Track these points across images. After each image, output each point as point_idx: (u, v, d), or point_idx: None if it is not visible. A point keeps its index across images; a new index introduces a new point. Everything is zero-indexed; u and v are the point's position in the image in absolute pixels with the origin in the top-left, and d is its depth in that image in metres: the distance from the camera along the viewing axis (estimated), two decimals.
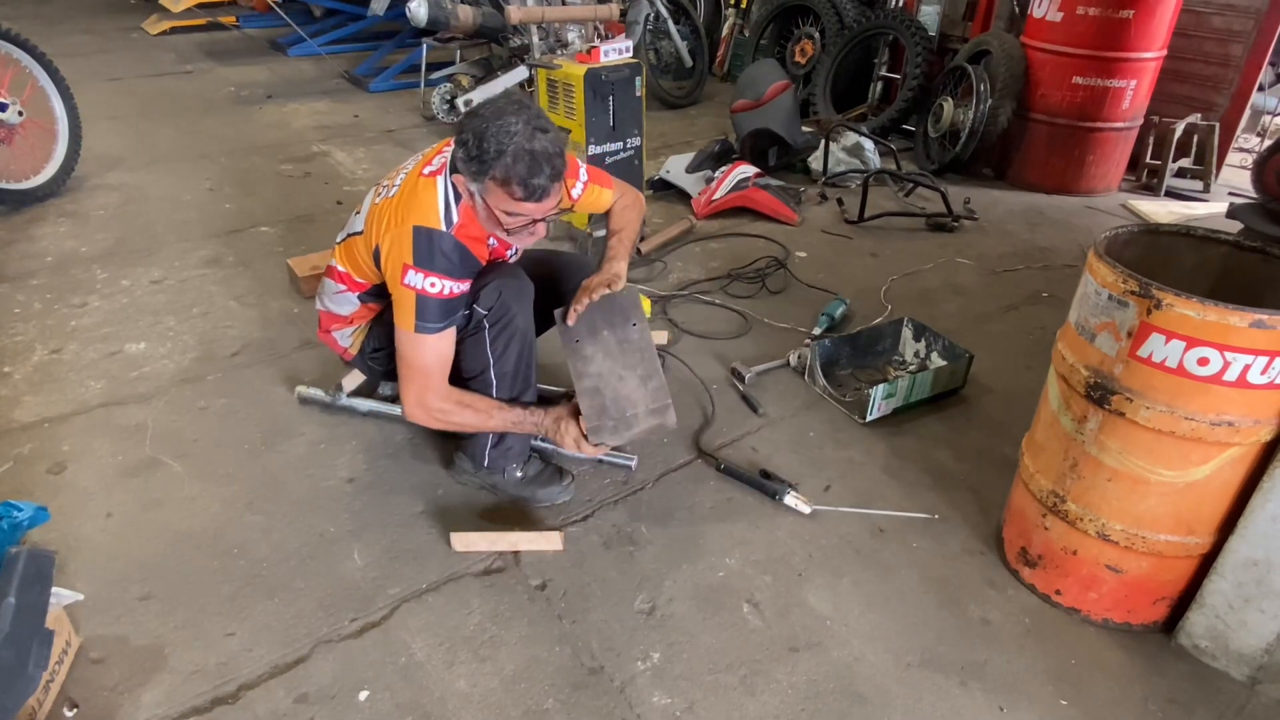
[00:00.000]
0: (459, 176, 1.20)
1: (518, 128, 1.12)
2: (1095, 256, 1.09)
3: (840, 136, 3.11)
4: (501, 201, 1.17)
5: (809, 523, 1.43)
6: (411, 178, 1.26)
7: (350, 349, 1.51)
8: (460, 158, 1.16)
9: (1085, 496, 1.18)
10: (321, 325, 1.52)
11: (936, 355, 1.85)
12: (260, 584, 1.28)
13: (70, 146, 2.75)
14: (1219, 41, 2.96)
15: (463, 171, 1.17)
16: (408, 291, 1.20)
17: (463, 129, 1.15)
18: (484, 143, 1.12)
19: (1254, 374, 0.98)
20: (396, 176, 1.31)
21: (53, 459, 1.54)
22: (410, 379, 1.27)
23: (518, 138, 1.12)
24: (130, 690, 1.11)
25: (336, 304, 1.46)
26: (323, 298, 1.49)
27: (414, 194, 1.23)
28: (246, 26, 5.46)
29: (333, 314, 1.48)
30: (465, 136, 1.14)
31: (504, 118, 1.12)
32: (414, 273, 1.19)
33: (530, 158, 1.12)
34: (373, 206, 1.31)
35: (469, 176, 1.17)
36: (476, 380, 1.36)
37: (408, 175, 1.28)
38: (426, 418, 1.30)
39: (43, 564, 1.04)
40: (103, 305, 2.10)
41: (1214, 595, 1.15)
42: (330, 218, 2.68)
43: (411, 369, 1.26)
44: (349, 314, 1.46)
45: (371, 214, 1.30)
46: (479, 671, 1.15)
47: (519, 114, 1.13)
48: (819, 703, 1.12)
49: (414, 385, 1.27)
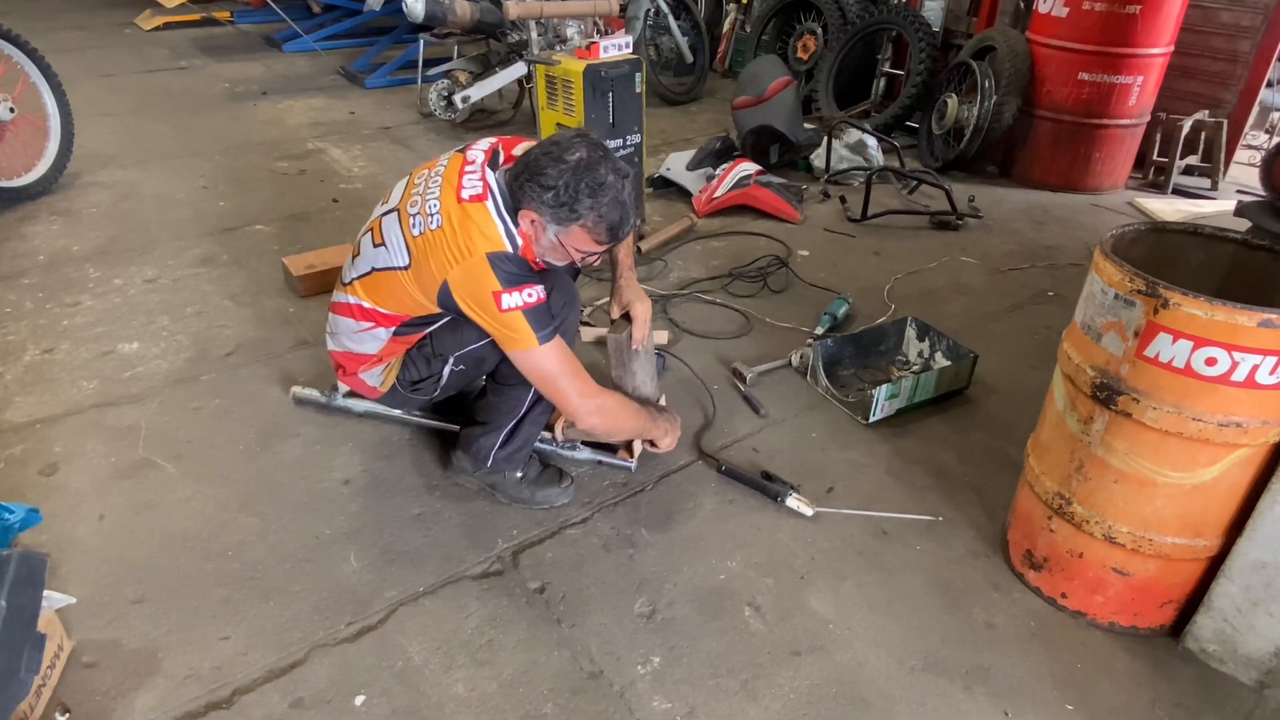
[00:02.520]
0: (531, 213, 1.21)
1: (609, 178, 1.19)
2: (1101, 255, 1.08)
3: (843, 133, 3.09)
4: (582, 243, 1.24)
5: (811, 525, 1.42)
6: (452, 206, 1.22)
7: (381, 387, 1.44)
8: (547, 202, 1.19)
9: (1091, 498, 1.17)
10: (345, 369, 1.45)
11: (940, 355, 1.83)
12: (255, 587, 1.26)
13: (62, 144, 2.73)
14: (1227, 37, 2.94)
15: (544, 214, 1.20)
16: (513, 314, 1.19)
17: (542, 171, 1.18)
18: (577, 192, 1.17)
19: (1262, 374, 0.97)
20: (426, 202, 1.25)
21: (44, 460, 1.53)
22: (567, 389, 1.26)
23: (611, 190, 1.19)
24: (123, 695, 1.10)
25: (359, 343, 1.39)
26: (338, 339, 1.42)
27: (471, 224, 1.20)
28: (241, 22, 5.43)
29: (356, 354, 1.41)
30: (551, 183, 1.18)
31: (595, 169, 1.18)
32: (508, 295, 1.19)
33: (622, 209, 1.21)
34: (413, 240, 1.25)
35: (552, 219, 1.21)
36: (514, 388, 1.35)
37: (443, 202, 1.23)
38: (599, 418, 1.31)
39: (34, 567, 1.03)
40: (95, 304, 2.08)
41: (1222, 599, 1.13)
42: (326, 215, 2.66)
43: (559, 379, 1.26)
44: (377, 351, 1.39)
45: (417, 247, 1.25)
46: (477, 675, 1.14)
47: (605, 163, 1.20)
48: (821, 707, 1.11)
49: (571, 392, 1.27)
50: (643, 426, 1.41)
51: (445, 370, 1.37)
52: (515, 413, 1.39)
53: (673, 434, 1.49)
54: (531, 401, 1.38)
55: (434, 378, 1.39)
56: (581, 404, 1.28)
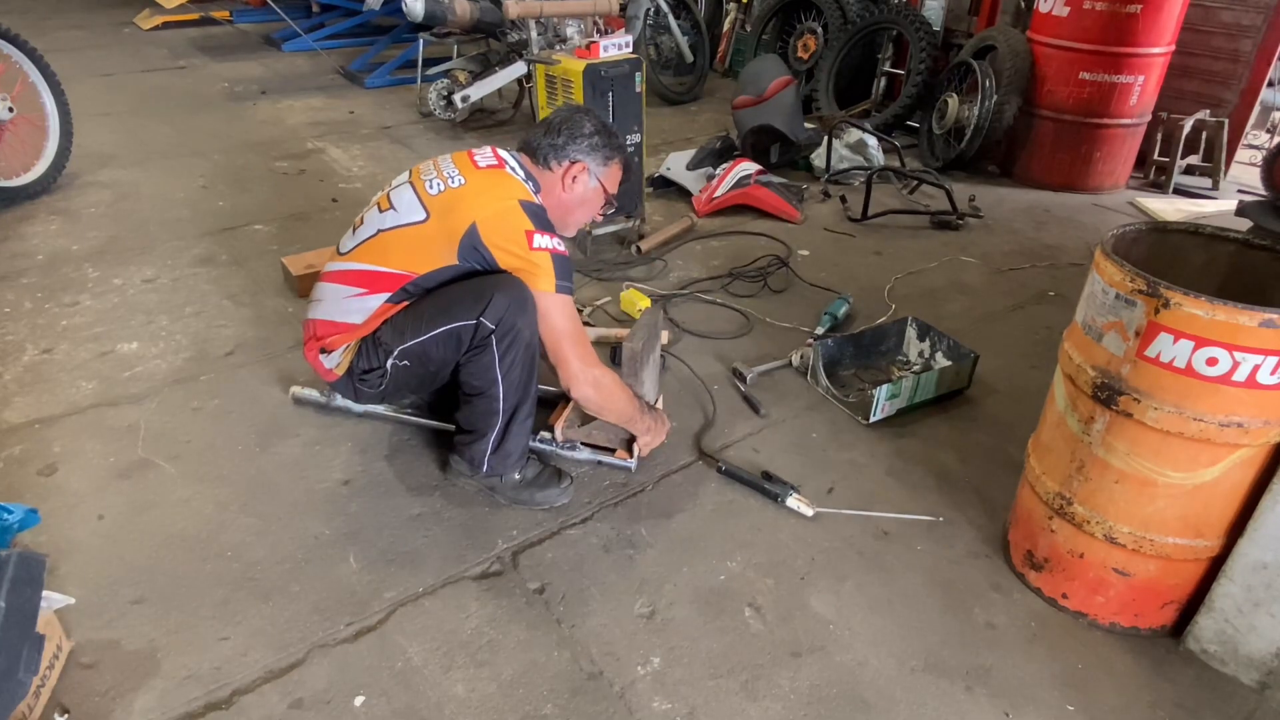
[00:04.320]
0: (572, 166, 1.39)
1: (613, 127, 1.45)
2: (1102, 255, 1.08)
3: (843, 133, 3.08)
4: (613, 183, 1.45)
5: (811, 525, 1.42)
6: (472, 172, 1.34)
7: (337, 369, 1.42)
8: (594, 144, 1.39)
9: (1092, 499, 1.16)
10: (317, 335, 1.41)
11: (941, 355, 1.83)
12: (254, 587, 1.26)
13: (61, 143, 2.73)
14: (1228, 36, 2.93)
15: (590, 158, 1.40)
16: (542, 255, 1.27)
17: (578, 124, 1.39)
18: (608, 134, 1.41)
19: (1264, 374, 0.97)
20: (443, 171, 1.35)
21: (43, 460, 1.52)
22: (572, 349, 1.30)
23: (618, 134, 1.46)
24: (122, 695, 1.09)
25: (343, 312, 1.36)
26: (321, 305, 1.40)
27: (498, 181, 1.33)
28: (240, 21, 5.42)
29: (335, 324, 1.38)
30: (590, 129, 1.39)
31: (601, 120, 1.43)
32: (539, 235, 1.27)
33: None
34: (431, 198, 1.32)
35: (600, 160, 1.41)
36: (483, 396, 1.34)
37: (461, 170, 1.34)
38: (592, 388, 1.32)
39: (33, 567, 1.03)
40: (94, 304, 2.08)
41: (1223, 599, 1.13)
42: (325, 215, 2.66)
43: (567, 334, 1.29)
44: (359, 322, 1.36)
45: (437, 203, 1.31)
46: (476, 676, 1.14)
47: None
48: (822, 708, 1.11)
49: (575, 352, 1.30)
50: (631, 415, 1.42)
51: (389, 364, 1.36)
52: (494, 418, 1.36)
53: (656, 433, 1.49)
54: (513, 405, 1.36)
55: (380, 370, 1.38)
56: (582, 370, 1.30)
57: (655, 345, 1.57)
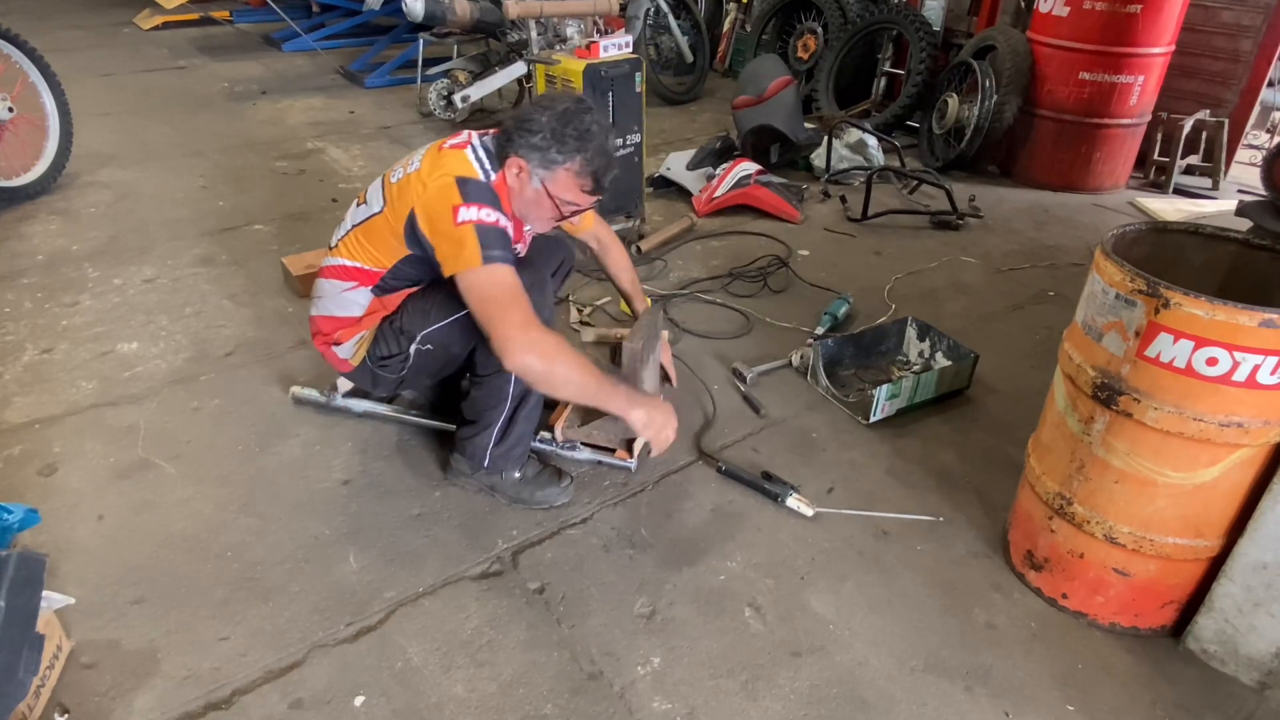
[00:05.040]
0: (518, 161, 1.22)
1: (595, 127, 1.20)
2: (1102, 255, 1.08)
3: (843, 133, 3.08)
4: (566, 191, 1.24)
5: (811, 525, 1.42)
6: (431, 153, 1.27)
7: (352, 360, 1.42)
8: (535, 144, 1.20)
9: (1092, 499, 1.16)
10: (322, 332, 1.42)
11: (941, 355, 1.83)
12: (254, 587, 1.26)
13: (61, 143, 2.73)
14: (1228, 36, 2.93)
15: (531, 159, 1.21)
16: (465, 228, 1.16)
17: (529, 118, 1.20)
18: (564, 135, 1.18)
19: (1264, 374, 0.97)
20: (410, 159, 1.31)
21: (43, 461, 1.52)
22: (502, 314, 1.14)
23: (597, 138, 1.20)
24: (122, 695, 1.09)
25: (343, 305, 1.37)
26: (322, 302, 1.41)
27: (443, 159, 1.24)
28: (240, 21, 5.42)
29: (338, 318, 1.39)
30: (539, 127, 1.19)
31: (581, 115, 1.19)
32: (465, 209, 1.17)
33: (607, 158, 1.22)
34: (391, 186, 1.30)
35: (539, 163, 1.21)
36: (496, 376, 1.33)
37: (425, 154, 1.28)
38: (535, 356, 1.13)
39: (33, 567, 1.03)
40: (94, 304, 2.08)
41: (1223, 599, 1.13)
42: (325, 215, 2.66)
43: (498, 302, 1.15)
44: (360, 314, 1.37)
45: (393, 191, 1.28)
46: (476, 676, 1.14)
47: (592, 113, 1.21)
48: (822, 708, 1.11)
49: (511, 318, 1.14)
50: (593, 390, 1.18)
51: (412, 349, 1.36)
52: (502, 406, 1.36)
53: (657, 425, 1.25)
54: (519, 395, 1.36)
55: (401, 355, 1.37)
56: (519, 335, 1.13)
57: (655, 345, 1.57)
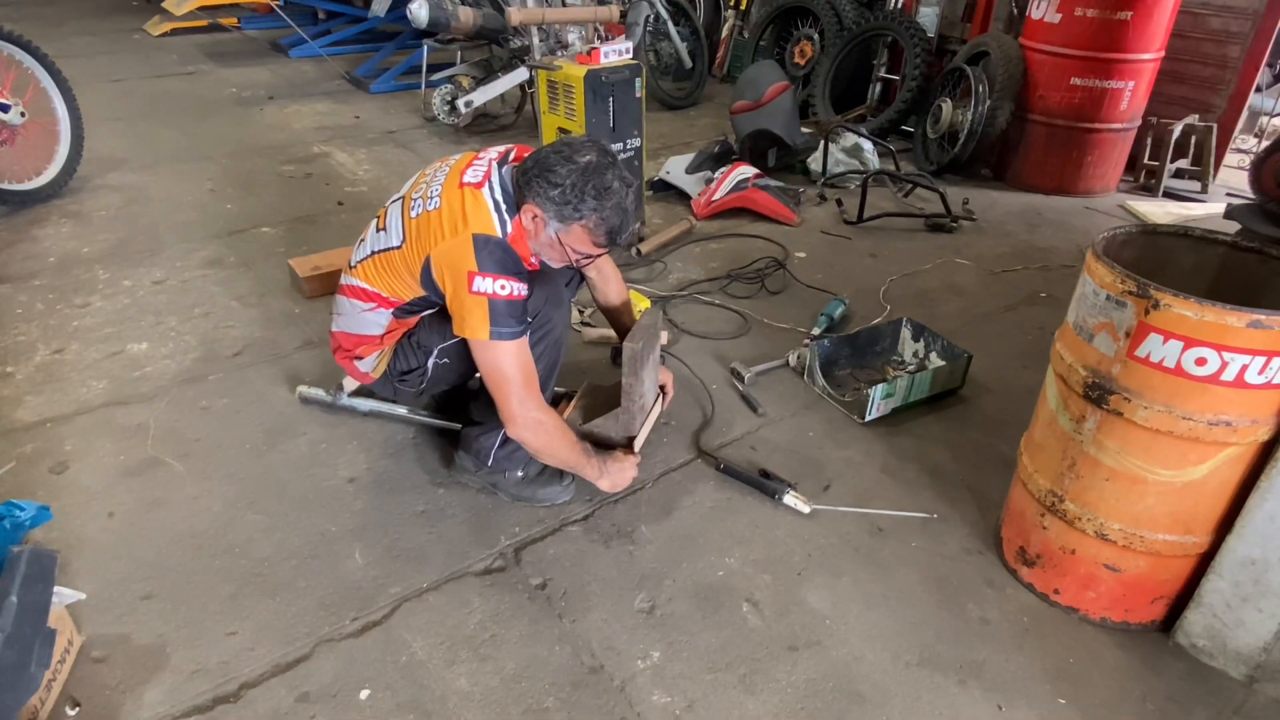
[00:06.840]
0: (534, 208, 1.23)
1: (615, 184, 1.22)
2: (1093, 257, 1.10)
3: (839, 137, 3.11)
4: (579, 243, 1.26)
5: (808, 522, 1.44)
6: (452, 190, 1.25)
7: (374, 373, 1.45)
8: (553, 198, 1.21)
9: (1083, 496, 1.18)
10: (343, 347, 1.45)
11: (935, 355, 1.85)
12: (262, 583, 1.28)
13: (72, 148, 2.76)
14: (1216, 43, 2.97)
15: (547, 210, 1.22)
16: (478, 299, 1.19)
17: (551, 168, 1.20)
18: (583, 192, 1.20)
19: (1251, 374, 0.98)
20: (429, 188, 1.29)
21: (55, 459, 1.55)
22: (504, 389, 1.23)
23: (615, 195, 1.22)
24: (132, 689, 1.11)
25: (363, 325, 1.39)
26: (342, 319, 1.43)
27: (462, 205, 1.23)
28: (248, 28, 5.48)
29: (359, 336, 1.41)
30: (559, 180, 1.20)
31: (603, 173, 1.21)
32: (481, 278, 1.18)
33: (623, 215, 1.24)
34: (410, 221, 1.29)
35: (555, 216, 1.22)
36: None
37: (444, 187, 1.27)
38: (532, 434, 1.26)
39: (45, 563, 1.05)
40: (105, 305, 2.10)
41: (1212, 594, 1.15)
42: (331, 218, 2.69)
43: (500, 375, 1.23)
44: (379, 334, 1.40)
45: (412, 228, 1.28)
46: (479, 670, 1.16)
47: (613, 169, 1.23)
48: (818, 701, 1.12)
49: (514, 396, 1.23)
50: (575, 463, 1.35)
51: (430, 363, 1.39)
52: None
53: (612, 478, 1.41)
54: None
55: (420, 370, 1.40)
56: (521, 411, 1.25)
57: (655, 346, 1.59)
